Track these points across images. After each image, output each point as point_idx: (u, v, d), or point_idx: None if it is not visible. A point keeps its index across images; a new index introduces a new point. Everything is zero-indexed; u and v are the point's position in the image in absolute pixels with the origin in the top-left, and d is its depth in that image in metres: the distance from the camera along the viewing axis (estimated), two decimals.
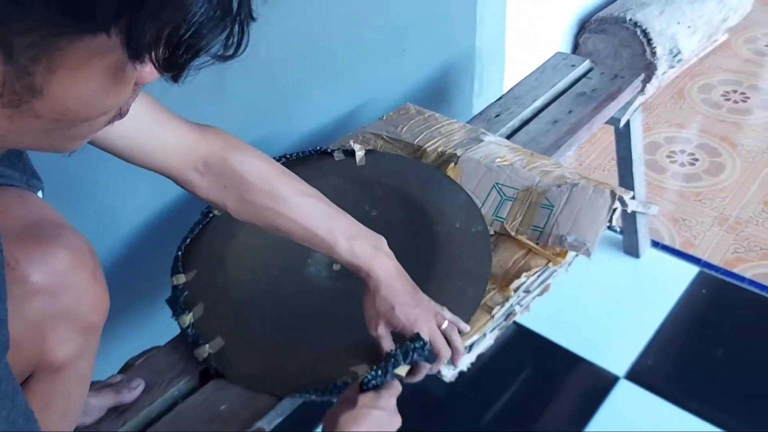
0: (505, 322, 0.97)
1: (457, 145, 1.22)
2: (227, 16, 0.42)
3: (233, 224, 1.05)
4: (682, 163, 2.06)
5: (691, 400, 1.41)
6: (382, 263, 0.83)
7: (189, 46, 0.41)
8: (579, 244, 1.00)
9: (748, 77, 2.42)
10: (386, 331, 0.85)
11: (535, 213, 1.06)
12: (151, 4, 0.38)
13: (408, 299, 0.84)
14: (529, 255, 1.02)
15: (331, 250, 0.83)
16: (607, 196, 1.03)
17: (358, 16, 1.37)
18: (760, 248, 1.75)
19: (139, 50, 0.40)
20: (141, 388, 0.90)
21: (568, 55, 1.61)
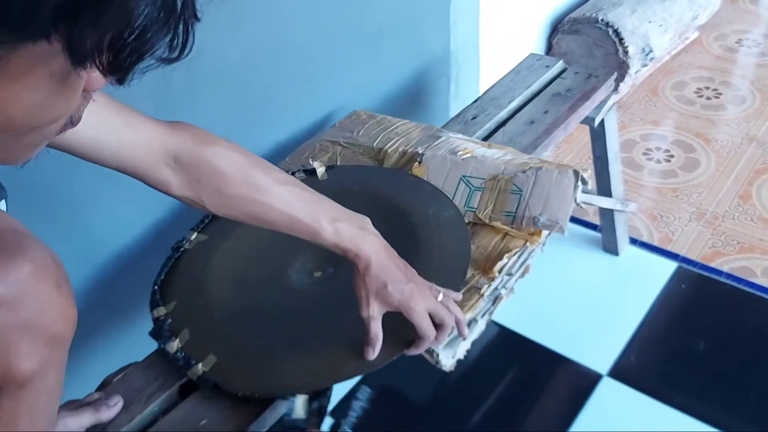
0: (493, 306, 0.98)
1: (417, 144, 1.24)
2: (171, 18, 0.41)
3: (206, 252, 1.05)
4: (658, 160, 2.08)
5: (675, 395, 1.42)
6: (370, 242, 0.82)
7: (133, 50, 0.40)
8: (552, 223, 1.04)
9: (720, 74, 2.46)
10: (378, 313, 0.83)
11: (505, 199, 1.10)
12: (89, 10, 0.37)
13: (400, 275, 0.82)
14: (507, 238, 1.06)
15: (316, 236, 0.81)
16: (571, 176, 1.08)
17: (332, 21, 1.36)
18: (736, 242, 1.78)
19: (81, 56, 0.39)
20: (120, 405, 0.88)
21: (542, 56, 1.61)
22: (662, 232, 1.83)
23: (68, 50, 0.38)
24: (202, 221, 1.11)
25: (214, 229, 1.09)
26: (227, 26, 0.42)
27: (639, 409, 1.41)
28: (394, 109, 1.62)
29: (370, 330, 0.84)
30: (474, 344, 1.07)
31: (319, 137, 1.32)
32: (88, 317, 1.13)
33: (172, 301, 0.99)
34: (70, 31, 0.38)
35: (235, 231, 1.07)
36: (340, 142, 1.28)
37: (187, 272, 1.04)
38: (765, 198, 1.91)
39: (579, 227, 1.85)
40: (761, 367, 1.47)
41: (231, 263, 1.04)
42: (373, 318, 0.83)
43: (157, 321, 0.96)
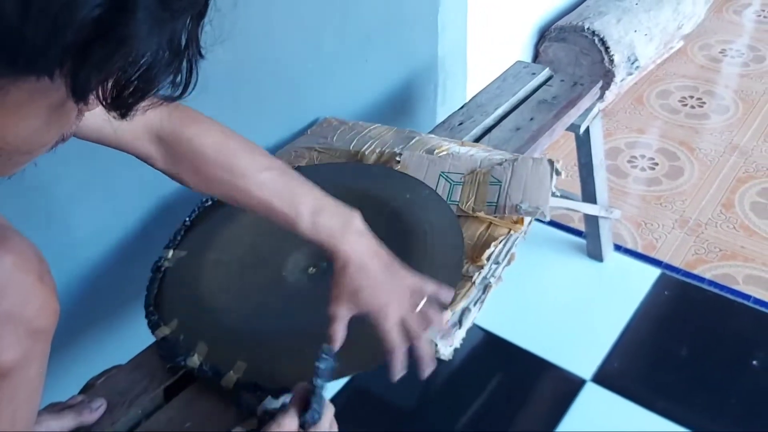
0: (484, 295, 1.00)
1: (393, 144, 1.27)
2: (176, 57, 0.41)
3: (193, 268, 1.02)
4: (642, 168, 2.11)
5: (657, 401, 1.44)
6: (351, 241, 0.78)
7: (137, 89, 0.40)
8: (533, 209, 1.08)
9: (704, 83, 2.49)
10: (343, 314, 0.79)
11: (485, 191, 1.13)
12: (97, 53, 0.37)
13: (377, 282, 0.78)
14: (491, 227, 1.08)
15: (293, 226, 0.78)
16: (546, 165, 1.14)
17: (319, 26, 1.37)
18: (719, 249, 1.80)
19: (84, 95, 0.39)
20: (103, 408, 0.88)
21: (528, 64, 1.63)
22: (646, 239, 1.85)
23: (72, 89, 0.38)
24: (175, 238, 1.08)
25: (191, 245, 1.07)
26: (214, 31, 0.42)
27: (622, 414, 1.42)
28: (381, 115, 1.62)
29: (331, 327, 0.80)
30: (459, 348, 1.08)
31: (293, 145, 1.34)
32: (72, 319, 1.12)
33: (173, 318, 0.96)
34: (75, 70, 0.38)
35: (213, 243, 1.06)
36: (316, 147, 1.30)
37: (178, 290, 1.01)
38: (747, 206, 1.93)
39: (564, 233, 1.87)
40: (742, 372, 1.49)
41: (224, 274, 1.03)
42: (335, 317, 0.79)
43: (164, 340, 0.94)
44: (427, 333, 0.82)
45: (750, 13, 2.94)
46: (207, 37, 0.43)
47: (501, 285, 1.75)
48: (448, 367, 1.57)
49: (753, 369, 1.49)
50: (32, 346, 0.64)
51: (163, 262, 1.05)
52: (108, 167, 1.06)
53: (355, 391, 1.50)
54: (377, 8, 1.49)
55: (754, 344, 1.55)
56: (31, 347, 0.64)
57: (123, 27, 0.38)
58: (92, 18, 0.37)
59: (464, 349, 1.61)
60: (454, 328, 0.93)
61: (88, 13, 0.37)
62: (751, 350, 1.53)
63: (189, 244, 1.08)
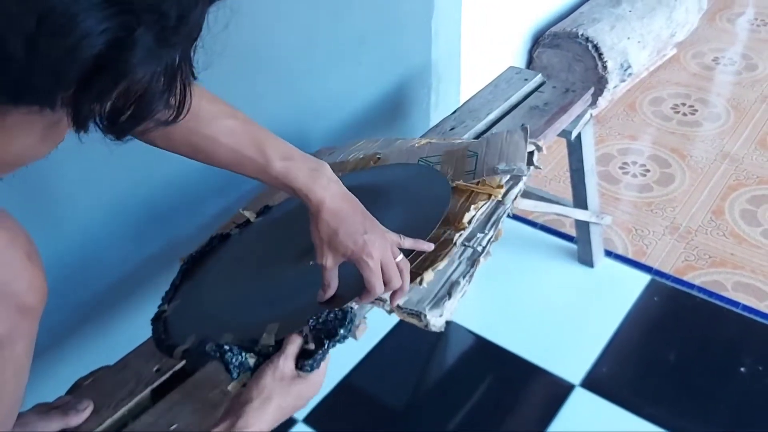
0: (473, 269, 0.97)
1: (375, 149, 1.29)
2: (173, 83, 0.42)
3: (194, 307, 0.99)
4: (634, 174, 2.12)
5: (646, 406, 1.44)
6: (324, 185, 0.77)
7: (133, 115, 0.42)
8: (510, 168, 1.09)
9: (697, 90, 2.50)
10: (332, 262, 0.80)
11: (464, 163, 1.15)
12: (98, 86, 0.39)
13: (355, 225, 0.78)
14: (472, 195, 1.08)
15: (263, 173, 0.77)
16: (520, 132, 1.17)
17: (312, 30, 1.37)
18: (709, 256, 1.81)
19: (85, 124, 0.41)
20: (90, 409, 0.88)
21: (521, 69, 1.64)
22: (637, 245, 1.86)
23: (74, 119, 0.40)
24: (167, 296, 1.03)
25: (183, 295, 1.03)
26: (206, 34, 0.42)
27: (610, 419, 1.43)
28: (374, 118, 1.63)
29: (324, 277, 0.81)
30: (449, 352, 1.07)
31: None
32: (61, 319, 1.12)
33: (187, 340, 0.92)
34: (75, 102, 0.39)
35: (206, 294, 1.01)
36: None
37: (185, 325, 0.96)
38: (737, 213, 1.94)
39: (555, 238, 1.88)
40: (730, 379, 1.49)
41: (229, 302, 0.99)
42: (326, 267, 0.81)
43: (189, 351, 0.89)
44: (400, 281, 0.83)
45: (743, 21, 2.96)
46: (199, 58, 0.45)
47: (492, 289, 1.76)
48: (438, 370, 1.57)
49: (741, 375, 1.50)
50: (20, 322, 0.64)
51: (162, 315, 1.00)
52: (102, 167, 1.06)
53: (346, 391, 1.50)
54: (371, 11, 1.49)
55: (742, 351, 1.55)
56: (19, 323, 0.64)
57: (122, 62, 0.39)
58: (93, 55, 0.38)
59: (454, 353, 1.62)
60: (444, 299, 0.91)
61: (90, 52, 0.38)
62: (739, 357, 1.54)
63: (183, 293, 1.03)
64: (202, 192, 1.28)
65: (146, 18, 0.40)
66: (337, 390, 1.50)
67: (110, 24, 0.39)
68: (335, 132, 1.55)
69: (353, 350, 1.55)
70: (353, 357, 1.56)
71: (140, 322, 1.02)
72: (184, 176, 1.24)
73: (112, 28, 0.39)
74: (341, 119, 1.54)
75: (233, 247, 1.10)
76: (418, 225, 0.92)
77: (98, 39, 0.38)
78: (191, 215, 1.28)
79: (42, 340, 0.71)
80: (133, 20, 0.39)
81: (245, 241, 1.11)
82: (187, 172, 1.22)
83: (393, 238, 0.83)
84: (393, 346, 1.59)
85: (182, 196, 1.25)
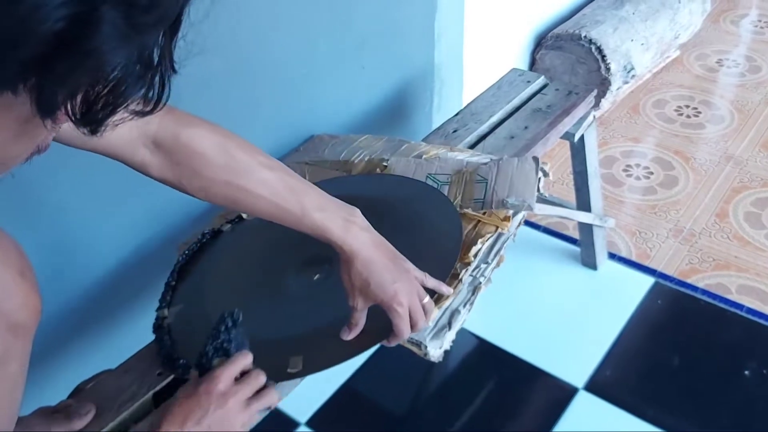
0: (473, 296, 1.00)
1: (382, 152, 1.28)
2: (148, 71, 0.40)
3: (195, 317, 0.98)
4: (637, 177, 2.11)
5: (650, 410, 1.44)
6: (356, 235, 0.80)
7: (106, 103, 0.40)
8: (520, 203, 1.09)
9: (700, 93, 2.50)
10: (362, 306, 0.83)
11: (472, 189, 1.14)
12: (61, 67, 0.36)
13: (385, 274, 0.81)
14: (479, 226, 1.08)
15: (299, 224, 0.79)
16: (531, 162, 1.15)
17: (314, 33, 1.37)
18: (712, 259, 1.80)
19: (50, 110, 0.38)
20: (92, 413, 0.88)
21: (523, 72, 1.63)
22: (640, 247, 1.85)
23: (37, 104, 0.37)
24: (164, 298, 1.02)
25: (183, 299, 1.02)
26: (209, 37, 0.42)
27: (614, 422, 1.42)
28: (376, 121, 1.63)
29: (352, 318, 0.85)
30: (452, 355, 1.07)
31: (284, 161, 1.33)
32: (62, 323, 1.12)
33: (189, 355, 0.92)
34: (39, 85, 0.37)
35: (207, 299, 1.00)
36: (306, 161, 1.31)
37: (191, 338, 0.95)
38: (741, 216, 1.94)
39: (558, 241, 1.87)
40: (734, 382, 1.49)
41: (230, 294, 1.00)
42: (356, 309, 0.84)
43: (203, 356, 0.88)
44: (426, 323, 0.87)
45: (747, 23, 2.96)
46: (181, 51, 0.43)
47: (495, 292, 1.75)
48: (440, 373, 1.57)
49: (745, 379, 1.49)
50: (13, 341, 0.63)
51: (163, 321, 0.99)
52: (99, 173, 1.06)
53: (348, 394, 1.50)
54: (373, 14, 1.49)
55: (746, 354, 1.55)
56: (12, 343, 0.63)
57: (87, 41, 0.37)
58: (54, 32, 0.36)
59: (457, 356, 1.61)
60: (444, 330, 0.94)
61: (49, 27, 0.36)
62: (743, 360, 1.53)
63: (180, 298, 1.03)
64: None
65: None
66: (338, 393, 1.50)
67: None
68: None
69: None
70: (357, 359, 1.55)
71: (142, 325, 1.02)
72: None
73: (71, 1, 0.36)
74: (343, 122, 1.54)
75: (228, 245, 1.09)
76: (431, 264, 0.92)
77: (56, 12, 0.36)
78: (194, 219, 1.28)
79: (43, 344, 0.71)
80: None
81: (240, 239, 1.10)
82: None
83: (419, 276, 0.86)
84: (396, 347, 1.58)
85: (183, 198, 1.25)
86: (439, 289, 0.91)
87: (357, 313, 0.85)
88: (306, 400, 1.47)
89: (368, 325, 0.87)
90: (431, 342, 0.93)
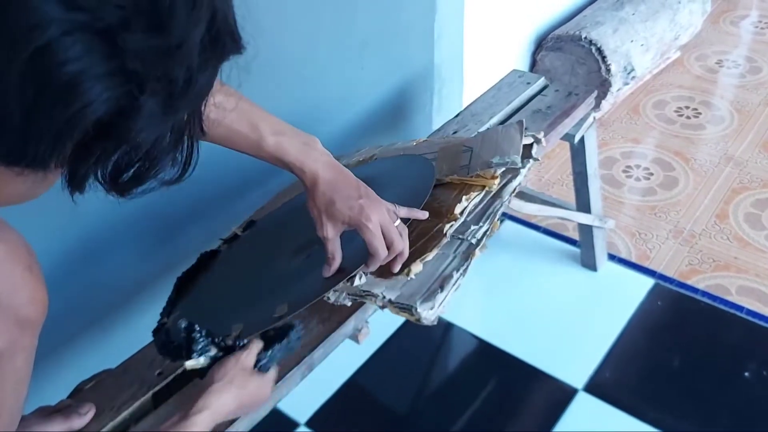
0: (467, 263, 0.96)
1: (374, 151, 1.29)
2: (179, 142, 0.41)
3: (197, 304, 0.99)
4: (637, 178, 2.11)
5: (649, 411, 1.44)
6: (316, 158, 0.79)
7: (136, 174, 0.40)
8: (505, 160, 1.07)
9: (700, 93, 2.50)
10: (332, 233, 0.81)
11: (458, 158, 1.13)
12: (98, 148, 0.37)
13: (350, 191, 0.80)
14: (465, 188, 1.06)
15: (257, 148, 0.78)
16: (516, 126, 1.13)
17: (315, 34, 1.37)
18: (712, 260, 1.80)
19: (80, 187, 0.40)
20: (92, 413, 0.88)
21: (523, 73, 1.63)
22: (640, 248, 1.85)
23: (69, 182, 0.39)
24: (165, 310, 1.02)
25: (181, 307, 1.02)
26: None
27: (613, 424, 1.42)
28: (376, 122, 1.63)
29: (327, 249, 0.83)
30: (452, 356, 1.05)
31: None
32: (62, 323, 1.12)
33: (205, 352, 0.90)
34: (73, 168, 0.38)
35: (207, 302, 1.01)
36: None
37: None
38: (741, 217, 1.94)
39: (558, 242, 1.87)
40: (734, 384, 1.49)
41: (233, 298, 0.99)
42: (328, 238, 0.82)
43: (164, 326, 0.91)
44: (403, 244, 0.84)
45: (747, 24, 2.96)
46: None
47: (495, 292, 1.75)
48: (440, 373, 1.57)
49: (745, 380, 1.49)
50: (19, 335, 0.64)
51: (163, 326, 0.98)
52: None
53: (349, 394, 1.50)
54: (373, 15, 1.49)
55: (746, 355, 1.55)
56: (19, 337, 0.64)
57: (125, 127, 0.37)
58: (93, 121, 0.37)
59: (457, 356, 1.61)
60: (436, 292, 0.91)
61: (90, 119, 0.36)
62: (743, 361, 1.53)
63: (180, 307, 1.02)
64: (205, 196, 1.28)
65: (152, 84, 0.37)
66: (340, 392, 1.50)
67: (114, 93, 0.36)
68: (337, 136, 1.55)
69: (356, 353, 1.55)
70: (356, 359, 1.56)
71: (142, 325, 1.02)
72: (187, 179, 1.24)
73: (115, 96, 0.36)
74: (343, 123, 1.54)
75: (225, 261, 1.10)
76: (408, 201, 0.92)
77: (100, 107, 0.36)
78: (193, 219, 1.28)
79: (44, 344, 0.71)
80: (136, 88, 0.37)
81: (236, 254, 1.11)
82: (193, 180, 1.22)
83: (388, 205, 0.85)
84: (396, 349, 1.59)
85: (184, 200, 1.25)
86: (412, 215, 0.88)
87: (330, 242, 0.82)
88: (306, 400, 1.47)
89: (346, 258, 0.85)
90: (422, 305, 0.88)
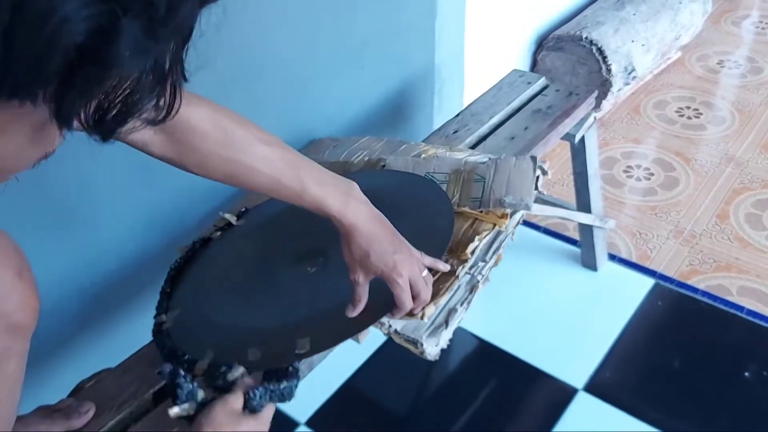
0: (471, 295, 0.99)
1: (381, 152, 1.28)
2: (161, 81, 0.41)
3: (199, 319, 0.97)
4: (638, 178, 2.11)
5: (650, 411, 1.44)
6: (355, 208, 0.81)
7: (119, 113, 0.40)
8: (517, 202, 1.08)
9: (701, 94, 2.50)
10: (363, 279, 0.84)
11: (470, 188, 1.14)
12: (81, 78, 0.37)
13: (385, 245, 0.82)
14: (476, 223, 1.08)
15: (298, 199, 0.80)
16: (529, 161, 1.15)
17: (315, 34, 1.37)
18: (713, 260, 1.80)
19: (68, 118, 0.39)
20: (92, 412, 0.88)
21: (524, 73, 1.63)
22: (641, 249, 1.85)
23: (56, 113, 0.38)
24: (160, 305, 1.00)
25: (180, 304, 1.01)
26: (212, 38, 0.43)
27: (613, 424, 1.42)
28: (377, 122, 1.63)
29: (355, 293, 0.85)
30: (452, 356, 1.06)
31: None
32: (62, 322, 1.12)
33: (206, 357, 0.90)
34: (59, 96, 0.38)
35: (206, 302, 0.99)
36: None
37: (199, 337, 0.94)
38: (742, 218, 1.94)
39: (558, 242, 1.87)
40: (734, 384, 1.49)
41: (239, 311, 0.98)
42: (358, 283, 0.84)
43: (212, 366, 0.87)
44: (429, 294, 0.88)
45: (748, 24, 2.96)
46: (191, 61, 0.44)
47: (495, 292, 1.75)
48: (440, 373, 1.57)
49: (745, 380, 1.49)
50: (11, 341, 0.63)
51: (162, 326, 0.97)
52: (100, 173, 1.06)
53: (348, 394, 1.50)
54: (373, 15, 1.49)
55: (746, 356, 1.55)
56: (10, 343, 0.63)
57: (106, 53, 0.38)
58: (76, 44, 0.37)
59: (457, 356, 1.61)
60: (441, 328, 0.93)
61: (72, 40, 0.37)
62: (743, 362, 1.53)
63: (177, 302, 1.01)
64: (205, 194, 1.28)
65: (133, 6, 0.38)
66: (339, 393, 1.50)
67: (92, 11, 0.37)
68: (337, 136, 1.55)
69: (356, 353, 1.55)
70: (356, 359, 1.56)
71: (142, 325, 1.02)
72: (187, 178, 1.24)
73: (94, 15, 0.37)
74: (344, 123, 1.54)
75: (218, 250, 1.09)
76: (430, 246, 0.93)
77: (79, 26, 0.36)
78: (194, 217, 1.28)
79: (43, 343, 0.71)
80: (119, 8, 0.38)
81: (231, 245, 1.10)
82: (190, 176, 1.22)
83: (416, 254, 0.87)
84: (396, 348, 1.58)
85: (185, 198, 1.25)
86: (435, 266, 0.92)
87: (359, 288, 0.85)
88: (306, 400, 1.48)
89: (371, 301, 0.87)
90: (428, 340, 0.93)
